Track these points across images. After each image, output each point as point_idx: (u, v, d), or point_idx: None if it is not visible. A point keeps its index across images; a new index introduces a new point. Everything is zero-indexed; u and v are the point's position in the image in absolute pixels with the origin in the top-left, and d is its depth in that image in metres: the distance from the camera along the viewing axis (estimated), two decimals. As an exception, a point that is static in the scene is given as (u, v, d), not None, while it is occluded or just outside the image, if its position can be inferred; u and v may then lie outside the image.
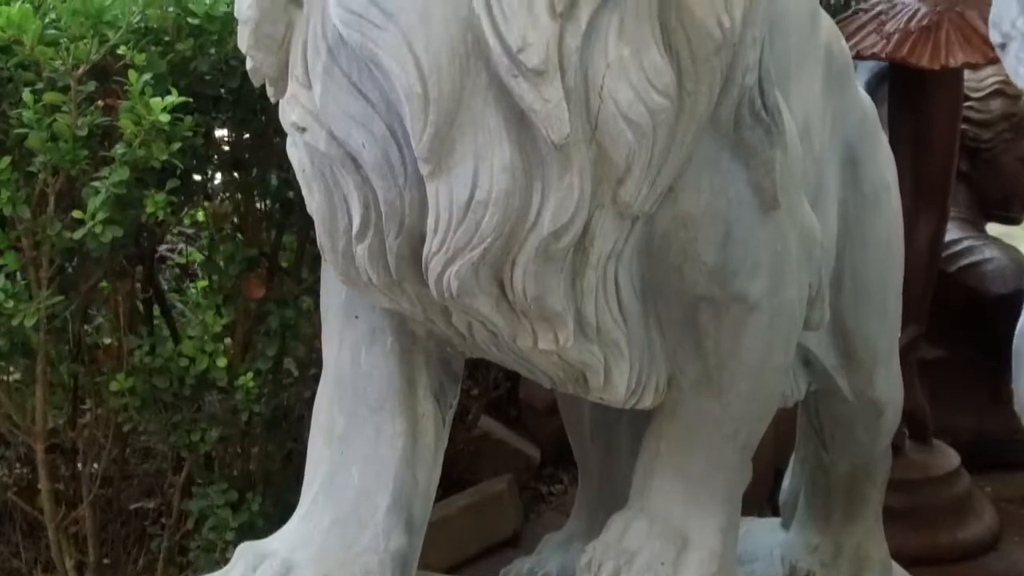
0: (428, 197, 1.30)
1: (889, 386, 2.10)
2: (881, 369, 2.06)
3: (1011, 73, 1.43)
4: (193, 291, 2.41)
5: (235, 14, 1.37)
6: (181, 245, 2.41)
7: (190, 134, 1.58)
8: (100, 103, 1.60)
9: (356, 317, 1.56)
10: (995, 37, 1.44)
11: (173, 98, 1.53)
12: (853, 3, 3.34)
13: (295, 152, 1.41)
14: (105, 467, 1.99)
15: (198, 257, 2.10)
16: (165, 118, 1.50)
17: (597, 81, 1.25)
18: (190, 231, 1.96)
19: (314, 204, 1.41)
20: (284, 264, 1.92)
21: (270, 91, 1.42)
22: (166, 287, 2.33)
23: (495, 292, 1.36)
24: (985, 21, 2.61)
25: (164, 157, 1.55)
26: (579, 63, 1.24)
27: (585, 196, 1.29)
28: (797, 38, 1.65)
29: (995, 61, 2.67)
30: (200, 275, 2.09)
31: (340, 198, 1.38)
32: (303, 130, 1.36)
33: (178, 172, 1.64)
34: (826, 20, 1.85)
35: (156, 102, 1.51)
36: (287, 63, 1.38)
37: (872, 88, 3.43)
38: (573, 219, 1.30)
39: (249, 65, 1.39)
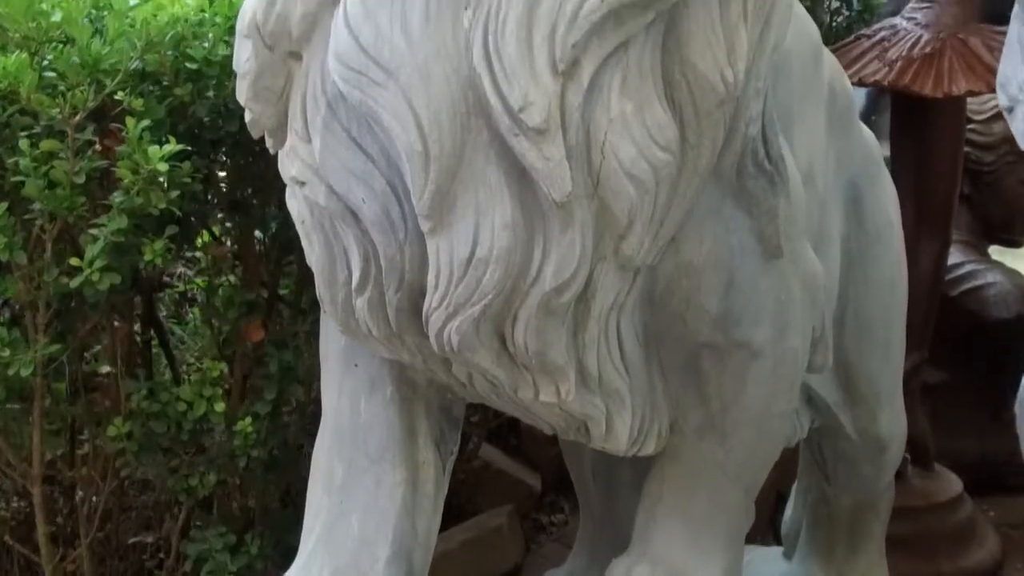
0: (429, 253, 1.29)
1: (893, 423, 2.09)
2: (884, 406, 2.05)
3: (1018, 136, 1.41)
4: (192, 316, 2.40)
5: (234, 67, 1.36)
6: (181, 269, 2.40)
7: (188, 180, 1.56)
8: (98, 147, 1.59)
9: (355, 365, 1.55)
10: (1003, 100, 1.42)
11: (171, 147, 1.52)
12: (855, 27, 3.33)
13: (294, 203, 1.40)
14: (103, 501, 1.97)
15: (199, 285, 2.09)
16: (163, 167, 1.49)
17: (599, 137, 1.24)
18: (189, 253, 1.94)
19: (313, 256, 1.40)
20: (282, 300, 1.91)
21: (269, 142, 1.41)
22: (164, 312, 2.32)
23: (496, 346, 1.35)
24: (988, 48, 2.64)
25: (163, 205, 1.53)
26: (581, 120, 1.22)
27: (587, 251, 1.28)
28: (801, 79, 1.63)
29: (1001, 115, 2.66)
30: (199, 300, 2.08)
31: (340, 250, 1.37)
32: (302, 184, 1.35)
33: (176, 218, 1.62)
34: (828, 57, 1.83)
35: (155, 151, 1.50)
36: (286, 114, 1.37)
37: (873, 97, 3.43)
38: (575, 274, 1.29)
39: (248, 117, 1.38)
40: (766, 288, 1.50)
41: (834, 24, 3.29)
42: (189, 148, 1.58)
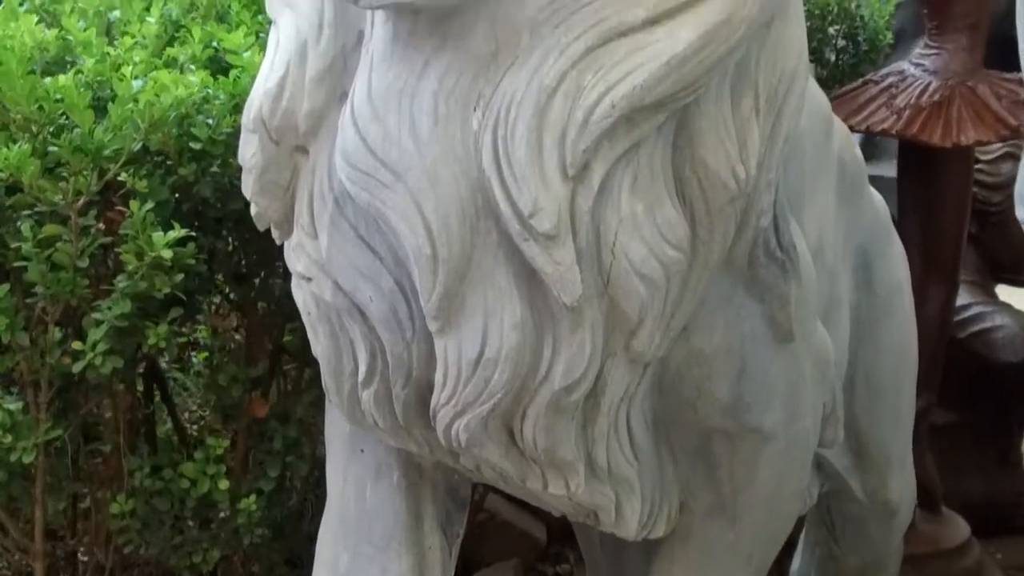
0: (436, 352, 1.28)
1: (903, 487, 2.07)
2: (895, 471, 2.03)
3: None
4: (196, 361, 2.38)
5: (239, 160, 1.34)
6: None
7: (193, 261, 1.54)
8: (101, 226, 1.57)
9: (361, 451, 1.54)
10: (1020, 213, 1.40)
11: (176, 233, 1.50)
12: (861, 66, 3.30)
13: (299, 294, 1.39)
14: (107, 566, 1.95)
15: (203, 332, 2.07)
16: (168, 254, 1.47)
17: (609, 237, 1.23)
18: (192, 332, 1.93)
19: (319, 347, 1.39)
20: (285, 374, 1.89)
21: (275, 233, 1.39)
22: (167, 357, 2.30)
23: (504, 440, 1.34)
24: (996, 96, 2.62)
25: (167, 290, 1.51)
26: (591, 221, 1.21)
27: (597, 350, 1.27)
28: (812, 157, 1.62)
29: (1006, 138, 2.64)
30: (202, 345, 2.07)
31: (346, 342, 1.36)
32: (309, 280, 1.33)
33: (180, 299, 1.60)
34: (838, 129, 1.81)
35: (159, 238, 1.48)
36: (292, 207, 1.36)
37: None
38: (585, 374, 1.28)
39: (254, 210, 1.36)
40: (777, 372, 1.48)
41: (840, 63, 3.27)
42: (193, 232, 1.56)
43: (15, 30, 1.69)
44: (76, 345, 1.55)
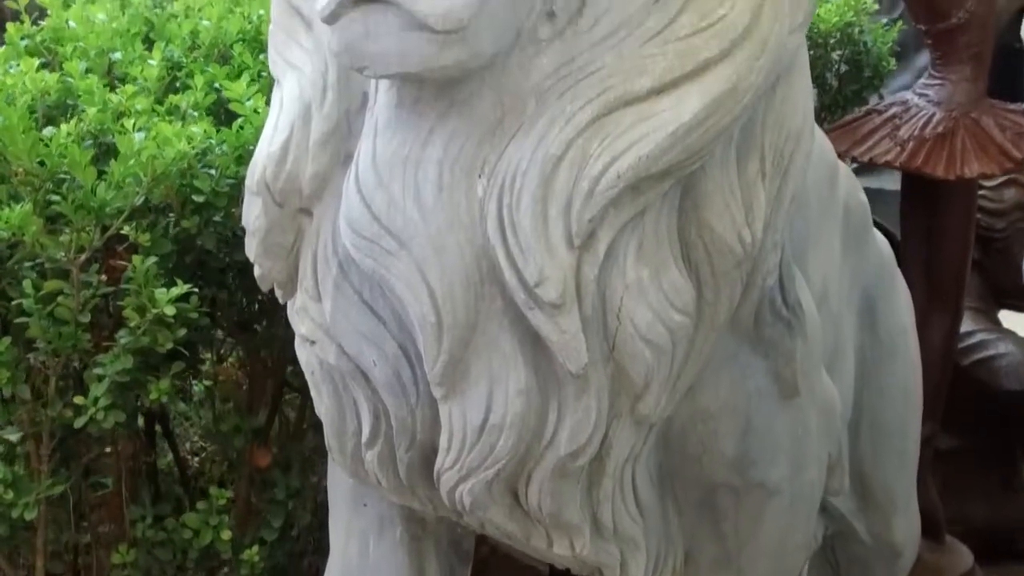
0: (441, 417, 1.27)
1: (907, 527, 2.06)
2: (900, 512, 2.02)
3: None
4: (198, 388, 2.37)
5: (242, 223, 1.33)
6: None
7: (195, 315, 1.53)
8: (103, 277, 1.56)
9: (364, 505, 1.53)
10: None
11: (179, 289, 1.49)
12: (865, 93, 3.29)
13: (303, 353, 1.38)
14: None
15: (202, 385, 2.06)
16: (171, 310, 1.46)
17: (615, 303, 1.22)
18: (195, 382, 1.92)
19: (323, 407, 1.39)
20: (288, 422, 1.88)
21: (278, 293, 1.39)
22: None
23: (509, 502, 1.34)
24: (1000, 128, 2.61)
25: (169, 346, 1.51)
26: (596, 288, 1.20)
27: (603, 415, 1.26)
28: (817, 206, 1.61)
29: (1010, 171, 2.64)
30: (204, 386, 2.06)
31: (349, 403, 1.35)
32: (312, 343, 1.32)
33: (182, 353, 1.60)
34: (843, 174, 1.80)
35: (161, 295, 1.47)
36: (296, 267, 1.35)
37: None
38: (591, 439, 1.27)
39: (257, 272, 1.36)
40: (782, 427, 1.48)
41: (843, 89, 3.26)
42: (196, 287, 1.56)
43: (17, 78, 1.68)
44: (78, 400, 1.54)
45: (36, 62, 1.83)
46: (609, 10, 1.17)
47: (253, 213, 1.32)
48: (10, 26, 2.22)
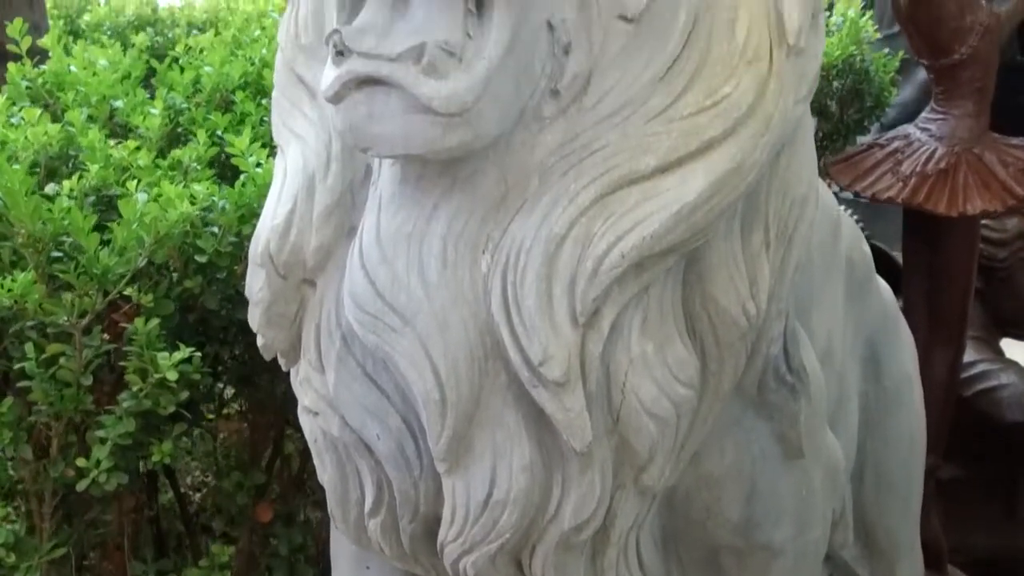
0: (444, 490, 1.27)
1: (912, 573, 2.05)
2: (904, 558, 2.02)
3: None
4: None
5: (246, 294, 1.33)
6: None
7: (197, 377, 1.53)
8: (105, 336, 1.56)
9: (368, 568, 1.52)
10: None
11: (181, 353, 1.49)
12: (866, 121, 3.30)
13: (307, 422, 1.37)
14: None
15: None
16: (173, 375, 1.46)
17: (619, 377, 1.22)
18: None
19: (326, 476, 1.38)
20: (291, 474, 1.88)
21: (281, 361, 1.38)
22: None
23: (512, 572, 1.33)
24: (1003, 164, 2.60)
25: (172, 409, 1.50)
26: (600, 363, 1.20)
27: (607, 489, 1.26)
28: (820, 263, 1.61)
29: (1013, 208, 2.63)
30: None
31: (352, 472, 1.35)
32: (316, 414, 1.32)
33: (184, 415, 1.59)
34: (846, 226, 1.80)
35: (164, 360, 1.47)
36: (299, 336, 1.34)
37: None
38: (595, 513, 1.27)
39: (260, 342, 1.35)
40: (787, 488, 1.47)
41: (844, 117, 3.27)
42: (198, 345, 1.55)
43: (20, 131, 1.68)
44: (80, 462, 1.54)
45: (39, 112, 1.83)
46: (613, 88, 1.17)
47: (256, 284, 1.32)
48: (11, 66, 2.23)
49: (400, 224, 1.20)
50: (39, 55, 2.21)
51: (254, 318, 1.34)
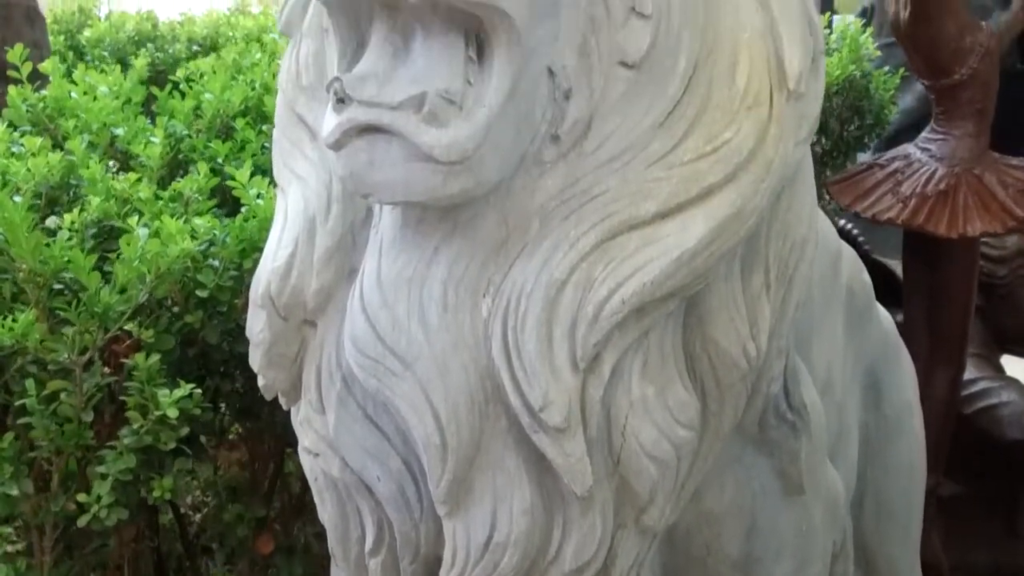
0: (445, 532, 1.27)
1: (912, 601, 2.06)
2: (904, 584, 2.02)
3: None
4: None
5: (247, 334, 1.33)
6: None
7: (198, 412, 1.53)
8: (106, 369, 1.56)
9: None
10: None
11: (182, 391, 1.49)
12: (867, 138, 3.31)
13: (307, 461, 1.37)
14: None
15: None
16: (173, 412, 1.46)
17: (620, 420, 1.22)
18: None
19: (326, 514, 1.38)
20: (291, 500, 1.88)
21: (282, 400, 1.38)
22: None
23: (514, 610, 1.32)
24: (1003, 185, 2.60)
25: (172, 445, 1.50)
26: (601, 407, 1.20)
27: (608, 531, 1.26)
28: (820, 296, 1.61)
29: (1013, 229, 2.63)
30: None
31: (353, 511, 1.35)
32: (316, 455, 1.32)
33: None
34: (847, 257, 1.80)
35: (165, 398, 1.47)
36: (299, 376, 1.35)
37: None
38: (596, 555, 1.27)
39: (261, 382, 1.35)
40: (787, 523, 1.47)
41: (845, 134, 3.27)
42: (199, 379, 1.55)
43: (20, 163, 1.68)
44: (81, 498, 1.54)
45: (39, 140, 1.83)
46: (614, 133, 1.17)
47: (258, 326, 1.32)
48: (12, 89, 2.23)
49: (401, 268, 1.20)
50: (40, 79, 2.22)
51: (255, 359, 1.34)
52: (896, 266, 2.95)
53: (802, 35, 1.22)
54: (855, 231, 3.21)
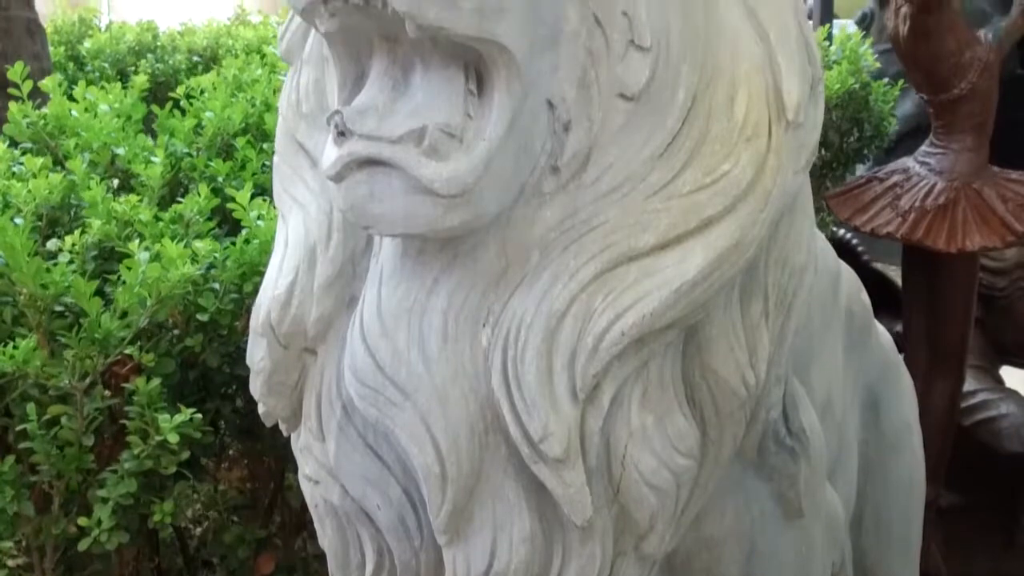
0: (445, 561, 1.27)
1: (911, 615, 2.06)
2: (903, 603, 2.02)
3: None
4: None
5: (247, 362, 1.33)
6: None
7: (198, 435, 1.53)
8: (107, 392, 1.56)
9: None
10: None
11: (182, 416, 1.49)
12: (866, 150, 3.31)
13: (307, 488, 1.38)
14: None
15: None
16: (174, 438, 1.46)
17: (619, 450, 1.22)
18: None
19: (326, 540, 1.38)
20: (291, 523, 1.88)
21: (283, 427, 1.39)
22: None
23: (514, 637, 1.32)
24: (1002, 200, 2.60)
25: (173, 470, 1.50)
26: (600, 436, 1.20)
27: (607, 558, 1.26)
28: (820, 319, 1.61)
29: (1011, 244, 2.63)
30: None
31: (353, 538, 1.35)
32: (316, 483, 1.32)
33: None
34: (846, 278, 1.80)
35: (165, 423, 1.47)
36: (300, 403, 1.35)
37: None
38: (595, 583, 1.26)
39: (261, 409, 1.36)
40: (787, 546, 1.47)
41: (845, 146, 3.28)
42: (200, 400, 1.55)
43: (21, 186, 1.68)
44: (82, 521, 1.54)
45: (40, 161, 1.84)
46: (613, 165, 1.17)
47: (258, 354, 1.32)
48: (12, 105, 2.24)
49: (401, 298, 1.21)
50: (42, 96, 2.22)
51: (256, 387, 1.34)
52: (896, 274, 2.95)
53: (800, 65, 1.23)
54: (854, 241, 3.21)
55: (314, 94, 1.33)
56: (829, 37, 3.41)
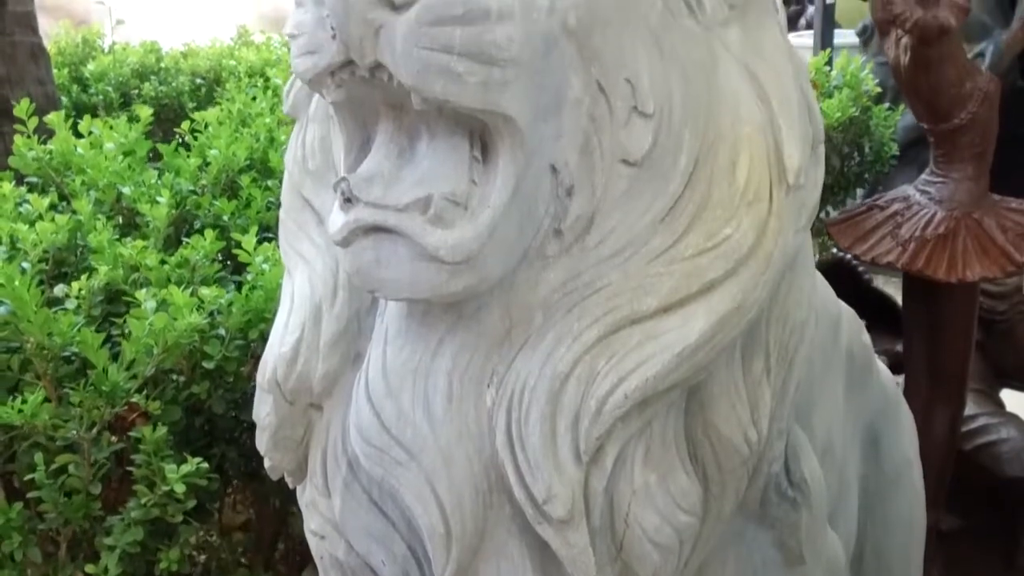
0: (450, 619, 1.28)
1: (913, 656, 2.07)
2: (904, 639, 2.03)
3: None
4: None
5: (253, 418, 1.35)
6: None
7: (204, 483, 1.54)
8: (114, 438, 1.58)
9: None
10: None
11: (188, 466, 1.50)
12: (867, 174, 3.32)
13: (313, 543, 1.39)
14: None
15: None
16: (181, 488, 1.47)
17: (623, 508, 1.23)
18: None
19: (333, 594, 1.39)
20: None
21: (288, 480, 1.40)
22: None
23: None
24: (1002, 230, 2.62)
25: (179, 519, 1.52)
26: (604, 496, 1.21)
27: None
28: (820, 363, 1.62)
29: (1012, 274, 2.64)
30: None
31: (359, 587, 1.36)
32: (322, 538, 1.34)
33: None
34: (846, 319, 1.81)
35: (172, 473, 1.48)
36: (305, 456, 1.36)
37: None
38: (599, 639, 1.27)
39: (267, 464, 1.37)
40: None
41: (846, 169, 3.29)
42: (205, 445, 1.57)
43: (27, 232, 1.69)
44: (89, 568, 1.55)
45: (47, 201, 1.85)
46: (615, 228, 1.18)
47: (264, 410, 1.33)
48: (18, 139, 2.25)
49: (406, 359, 1.22)
50: (48, 133, 2.23)
51: (262, 442, 1.35)
52: (896, 286, 2.96)
53: (802, 129, 1.24)
54: (855, 262, 3.22)
55: (320, 151, 1.34)
56: (829, 62, 3.42)
